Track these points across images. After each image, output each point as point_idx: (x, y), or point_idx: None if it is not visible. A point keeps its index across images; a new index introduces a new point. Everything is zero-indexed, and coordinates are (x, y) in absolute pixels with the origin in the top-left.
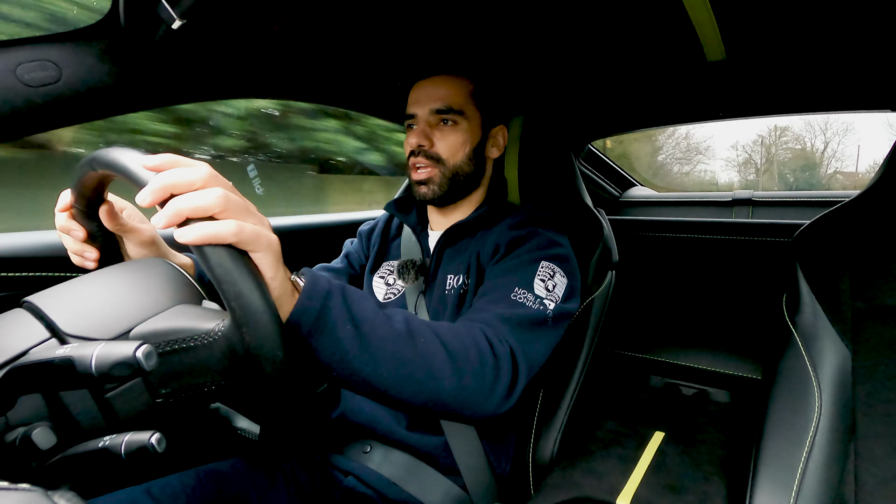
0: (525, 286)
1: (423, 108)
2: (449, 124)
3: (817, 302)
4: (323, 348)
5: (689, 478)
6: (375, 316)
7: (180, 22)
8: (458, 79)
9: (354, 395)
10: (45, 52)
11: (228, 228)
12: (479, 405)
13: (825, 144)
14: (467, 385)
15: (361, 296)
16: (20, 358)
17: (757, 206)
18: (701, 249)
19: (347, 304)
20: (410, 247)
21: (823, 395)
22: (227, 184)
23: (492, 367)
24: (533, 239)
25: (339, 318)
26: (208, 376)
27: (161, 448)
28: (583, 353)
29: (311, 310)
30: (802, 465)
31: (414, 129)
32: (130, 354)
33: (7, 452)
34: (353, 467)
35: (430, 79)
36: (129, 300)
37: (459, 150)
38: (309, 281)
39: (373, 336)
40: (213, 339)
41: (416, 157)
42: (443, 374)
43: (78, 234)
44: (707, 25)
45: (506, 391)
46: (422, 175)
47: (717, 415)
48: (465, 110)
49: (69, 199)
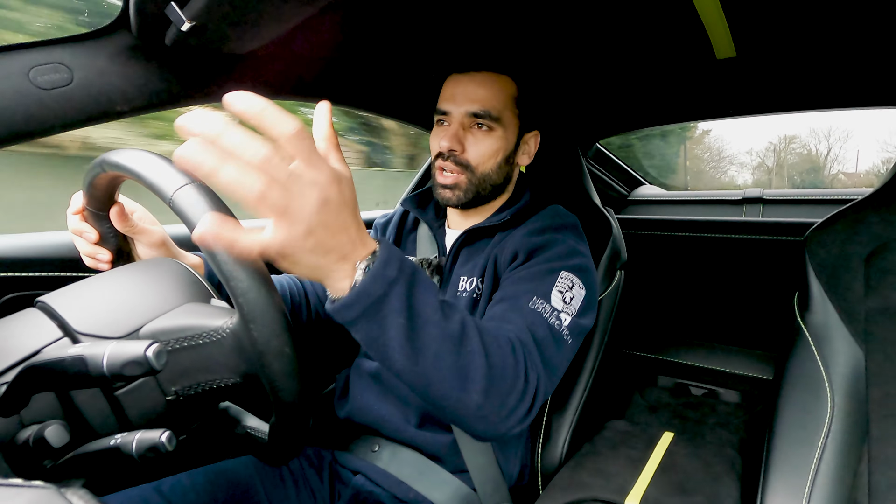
0: (543, 297)
1: (458, 107)
2: (484, 129)
3: (829, 301)
4: (367, 330)
5: (699, 478)
6: (432, 314)
7: (189, 24)
8: (501, 79)
9: (363, 394)
10: (58, 54)
11: (251, 246)
12: (493, 426)
13: (828, 149)
14: (492, 403)
15: (426, 288)
16: (33, 357)
17: (768, 205)
18: (711, 248)
19: (410, 295)
20: (426, 244)
21: (835, 395)
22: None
23: (519, 393)
24: (553, 247)
25: (395, 310)
26: (218, 374)
27: (171, 446)
28: (592, 354)
29: (371, 295)
30: (814, 466)
31: (445, 128)
32: (141, 354)
33: (21, 450)
34: (362, 466)
35: (471, 74)
36: (139, 299)
37: (491, 159)
38: (379, 263)
39: (422, 333)
40: (221, 336)
41: (445, 160)
42: (474, 387)
43: (90, 236)
44: (717, 23)
45: (522, 416)
46: (448, 180)
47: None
48: (503, 116)
49: (81, 202)
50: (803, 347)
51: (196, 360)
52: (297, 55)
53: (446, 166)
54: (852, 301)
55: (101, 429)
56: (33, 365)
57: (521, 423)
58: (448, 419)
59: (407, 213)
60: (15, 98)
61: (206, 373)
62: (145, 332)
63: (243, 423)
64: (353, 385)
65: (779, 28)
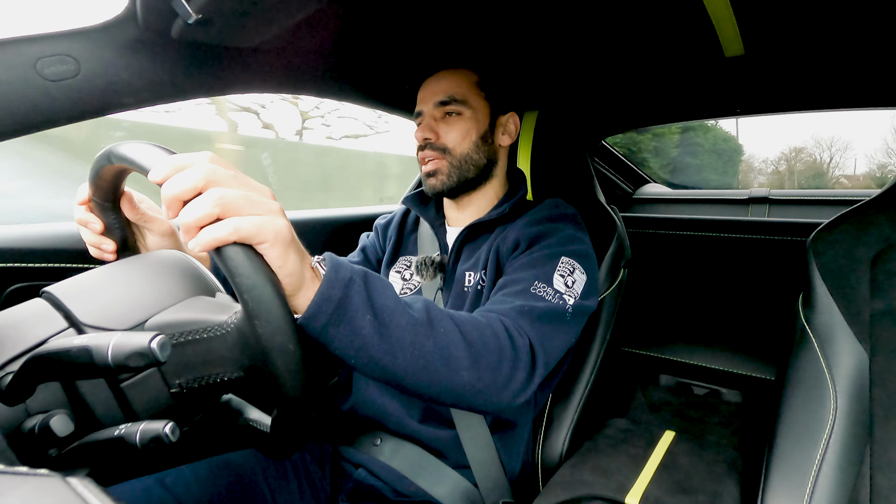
0: (544, 280)
1: (427, 103)
2: (453, 115)
3: (834, 302)
4: (341, 337)
5: (700, 478)
6: (395, 305)
7: (195, 17)
8: (460, 71)
9: (366, 388)
10: (65, 46)
11: (226, 230)
12: (494, 397)
13: (830, 158)
14: (484, 377)
15: (383, 283)
16: (39, 347)
17: (774, 205)
18: (715, 248)
19: (368, 291)
20: (428, 242)
21: (839, 397)
22: (226, 174)
23: (510, 360)
24: (554, 234)
25: (360, 308)
26: (221, 368)
27: (174, 437)
28: (594, 351)
29: (332, 299)
30: (816, 467)
31: (420, 125)
32: (146, 345)
33: (27, 439)
34: (364, 459)
35: (434, 75)
36: (144, 291)
37: (465, 139)
38: (330, 269)
39: (392, 325)
40: (226, 330)
41: (424, 150)
42: (460, 365)
43: (95, 227)
44: (725, 20)
45: (522, 384)
46: (430, 167)
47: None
48: (469, 100)
49: (87, 193)
50: (807, 348)
51: (200, 354)
52: (302, 49)
53: (427, 154)
54: (857, 302)
55: (105, 419)
56: (39, 354)
57: (524, 390)
58: (450, 404)
59: (407, 214)
60: (22, 89)
61: (210, 367)
62: (150, 326)
63: (246, 416)
64: (357, 378)
65: (788, 25)
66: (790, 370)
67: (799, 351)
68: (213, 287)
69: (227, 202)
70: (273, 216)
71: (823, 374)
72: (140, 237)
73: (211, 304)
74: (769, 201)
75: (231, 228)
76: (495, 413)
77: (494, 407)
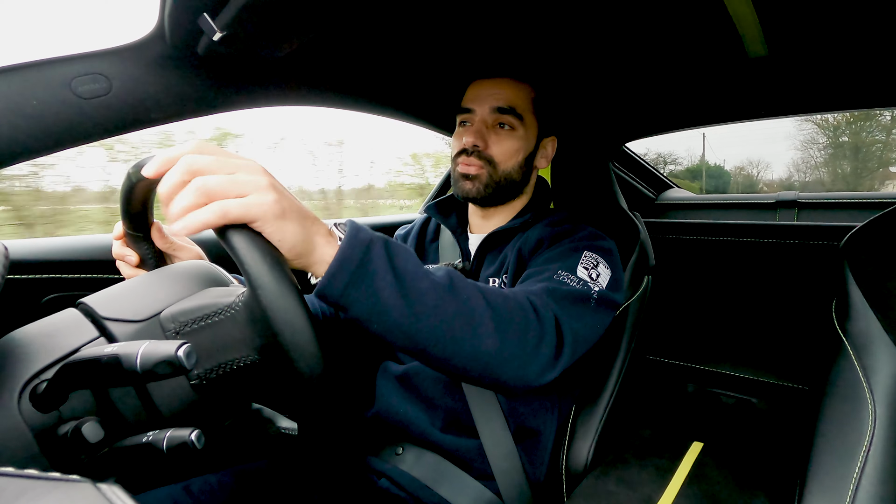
0: (568, 270)
1: (482, 104)
2: (506, 128)
3: (870, 309)
4: (362, 300)
5: (729, 491)
6: (417, 269)
7: (221, 34)
8: (521, 84)
9: (389, 396)
10: (97, 65)
11: (211, 214)
12: (521, 369)
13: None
14: (510, 345)
15: (405, 249)
16: (72, 355)
17: (803, 208)
18: (742, 253)
19: (390, 254)
20: (450, 250)
21: (877, 407)
22: (207, 161)
23: (536, 330)
24: (577, 232)
25: (380, 269)
26: (236, 352)
27: (200, 444)
28: (619, 359)
29: (352, 259)
30: (855, 481)
31: (469, 127)
32: (172, 353)
33: (59, 445)
34: (386, 469)
35: (493, 79)
36: (162, 288)
37: (513, 157)
38: (351, 230)
39: (414, 288)
40: (235, 310)
41: (469, 156)
42: (485, 331)
43: (131, 260)
44: (748, 20)
45: (549, 359)
46: (470, 170)
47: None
48: (525, 116)
49: (121, 228)
50: (843, 357)
51: (214, 338)
52: (325, 61)
53: (470, 161)
54: (895, 308)
55: (134, 426)
56: (72, 362)
57: (551, 368)
58: (476, 378)
59: (428, 222)
60: (57, 107)
61: (225, 352)
62: (165, 315)
63: (277, 424)
64: (379, 387)
65: (812, 24)
66: (825, 380)
67: (834, 360)
68: (227, 281)
69: (209, 188)
70: (260, 193)
71: (861, 383)
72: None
73: (221, 290)
74: (798, 205)
75: (218, 212)
76: (521, 388)
77: (522, 382)
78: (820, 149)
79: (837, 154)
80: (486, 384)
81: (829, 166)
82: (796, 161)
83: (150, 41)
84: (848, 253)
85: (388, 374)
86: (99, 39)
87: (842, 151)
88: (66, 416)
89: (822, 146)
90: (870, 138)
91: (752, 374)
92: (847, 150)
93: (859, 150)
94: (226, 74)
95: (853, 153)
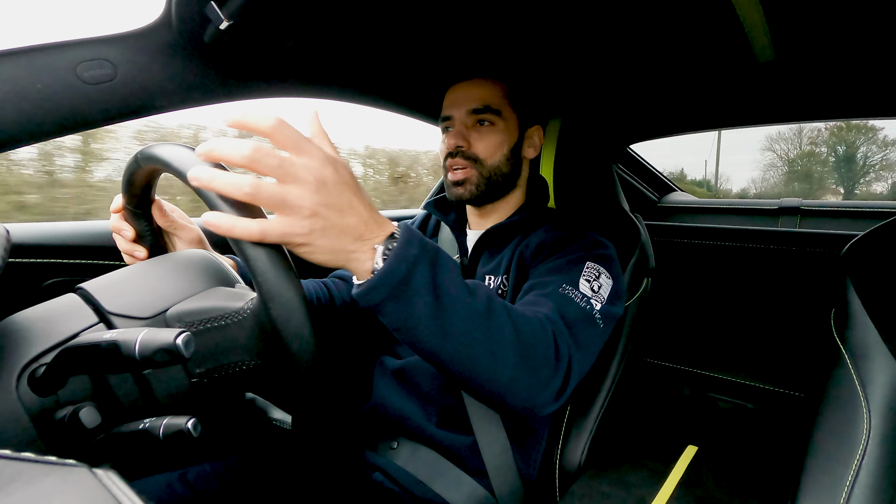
0: (571, 284)
1: (459, 109)
2: (486, 125)
3: (869, 318)
4: (396, 312)
5: (723, 495)
6: (459, 290)
7: (227, 22)
8: (492, 81)
9: (386, 390)
10: (103, 51)
11: (251, 233)
12: (529, 400)
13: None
14: (524, 377)
15: (450, 265)
16: (71, 340)
17: (805, 216)
18: (743, 259)
19: (434, 273)
20: (448, 246)
21: (873, 416)
22: (273, 162)
23: (552, 368)
24: (578, 240)
25: (421, 288)
26: (240, 355)
27: (196, 432)
28: (615, 360)
29: (396, 274)
30: (847, 489)
31: (451, 132)
32: (171, 341)
33: (56, 429)
34: (381, 463)
35: (465, 82)
36: (167, 283)
37: (497, 151)
38: (402, 242)
39: (449, 311)
40: (243, 317)
41: (454, 158)
42: (506, 362)
43: (127, 234)
44: (757, 24)
45: (555, 394)
46: (459, 175)
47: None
48: (502, 110)
49: (121, 202)
50: (840, 365)
51: (219, 341)
52: (331, 51)
53: (456, 163)
54: (894, 318)
55: (131, 412)
56: (70, 347)
57: (556, 399)
58: (483, 395)
59: (428, 218)
60: (62, 92)
61: (229, 354)
62: (171, 314)
63: (269, 415)
64: (376, 381)
65: (820, 29)
66: (821, 388)
67: (831, 368)
68: (233, 280)
69: (258, 194)
70: (299, 219)
71: (857, 392)
72: (170, 244)
73: (229, 293)
74: (800, 212)
75: (256, 233)
76: (522, 414)
77: (528, 412)
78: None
79: (791, 177)
80: (491, 404)
81: (786, 186)
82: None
83: (156, 28)
84: (848, 262)
85: (385, 369)
86: (105, 25)
87: (795, 175)
88: (64, 401)
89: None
90: (814, 168)
91: (748, 379)
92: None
93: (810, 175)
94: (231, 63)
95: (804, 177)
